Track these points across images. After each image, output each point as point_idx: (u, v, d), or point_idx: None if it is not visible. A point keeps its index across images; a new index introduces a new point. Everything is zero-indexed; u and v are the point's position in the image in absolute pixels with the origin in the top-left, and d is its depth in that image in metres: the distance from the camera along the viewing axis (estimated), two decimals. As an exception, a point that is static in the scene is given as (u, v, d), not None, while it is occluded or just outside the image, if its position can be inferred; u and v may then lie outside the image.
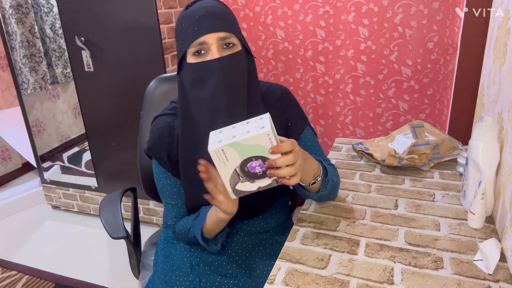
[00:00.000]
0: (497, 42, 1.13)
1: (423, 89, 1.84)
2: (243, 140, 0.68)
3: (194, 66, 0.86)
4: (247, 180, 0.73)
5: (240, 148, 0.69)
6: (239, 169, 0.72)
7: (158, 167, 0.98)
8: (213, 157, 0.70)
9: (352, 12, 1.81)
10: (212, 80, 0.85)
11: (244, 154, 0.70)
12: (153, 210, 2.18)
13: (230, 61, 0.85)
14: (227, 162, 0.71)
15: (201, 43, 0.84)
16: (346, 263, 0.79)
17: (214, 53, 0.84)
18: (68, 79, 2.37)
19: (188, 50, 0.86)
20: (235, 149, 0.69)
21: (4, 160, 2.92)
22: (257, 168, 0.72)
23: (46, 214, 2.51)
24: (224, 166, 0.71)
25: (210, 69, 0.85)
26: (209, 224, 0.89)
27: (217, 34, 0.83)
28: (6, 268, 1.99)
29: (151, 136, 0.98)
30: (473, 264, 0.77)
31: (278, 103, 0.99)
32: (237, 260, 0.97)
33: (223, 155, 0.70)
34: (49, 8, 2.22)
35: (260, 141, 0.69)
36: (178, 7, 1.89)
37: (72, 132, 2.51)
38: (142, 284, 1.15)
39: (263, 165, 0.71)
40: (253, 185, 0.74)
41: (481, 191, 0.85)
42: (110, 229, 1.09)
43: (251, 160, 0.71)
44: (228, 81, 0.86)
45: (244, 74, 0.89)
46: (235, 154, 0.70)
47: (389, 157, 1.17)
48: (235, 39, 0.87)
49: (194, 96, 0.89)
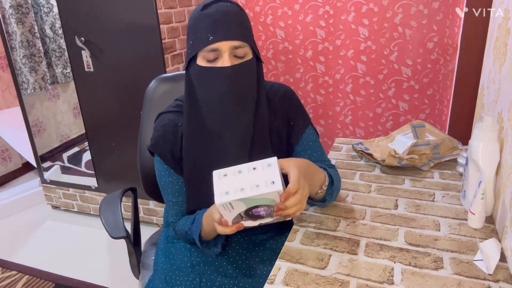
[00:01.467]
0: (497, 42, 1.13)
1: (423, 89, 1.84)
2: (253, 196, 0.69)
3: (204, 70, 0.86)
4: (249, 219, 0.75)
5: (248, 201, 0.70)
6: (243, 213, 0.73)
7: (160, 164, 0.98)
8: (220, 208, 0.71)
9: (352, 12, 1.81)
10: (221, 87, 0.86)
11: (251, 204, 0.71)
12: (153, 210, 2.18)
13: (240, 69, 0.86)
14: (232, 209, 0.71)
15: (214, 49, 0.84)
16: (346, 263, 0.79)
17: (225, 60, 0.84)
18: (68, 79, 2.36)
19: (199, 53, 0.86)
20: (243, 201, 0.70)
21: (4, 160, 2.92)
22: (262, 212, 0.73)
23: (46, 214, 2.51)
24: (229, 212, 0.72)
25: (220, 75, 0.85)
26: (207, 229, 0.90)
27: (231, 43, 0.83)
28: (6, 268, 1.99)
29: (154, 133, 0.98)
30: (473, 264, 0.77)
31: (281, 102, 1.00)
32: (237, 260, 0.97)
33: (229, 206, 0.70)
34: (49, 8, 2.22)
35: (269, 196, 0.70)
36: (178, 7, 1.89)
37: (72, 132, 2.51)
38: (142, 284, 1.15)
39: (268, 209, 0.73)
40: (255, 222, 0.76)
41: (481, 191, 0.85)
42: (110, 229, 1.09)
43: (257, 207, 0.72)
44: (237, 89, 0.87)
45: (253, 81, 0.90)
46: (242, 204, 0.70)
47: (389, 157, 1.17)
48: (248, 48, 0.87)
49: (201, 97, 0.90)
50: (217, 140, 0.91)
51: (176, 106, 0.99)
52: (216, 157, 0.91)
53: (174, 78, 1.28)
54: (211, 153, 0.92)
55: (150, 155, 1.02)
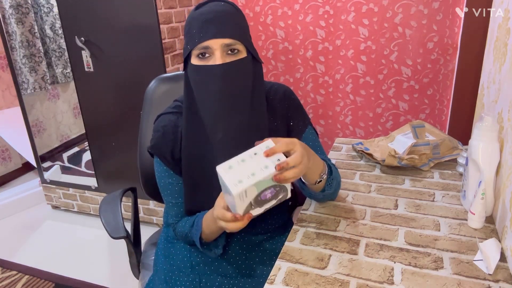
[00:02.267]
0: (497, 42, 1.13)
1: (423, 89, 1.84)
2: (264, 177, 0.71)
3: (197, 68, 0.87)
4: (257, 207, 0.76)
5: (260, 184, 0.71)
6: (253, 201, 0.74)
7: (160, 165, 0.98)
8: (236, 199, 0.72)
9: (352, 12, 1.81)
10: (213, 85, 0.86)
11: (262, 187, 0.72)
12: (153, 210, 2.18)
13: (232, 67, 0.86)
14: (246, 198, 0.73)
15: (205, 47, 0.84)
16: (346, 263, 0.79)
17: (217, 58, 0.84)
18: (68, 79, 2.36)
19: (192, 52, 0.87)
20: (256, 186, 0.71)
21: (4, 160, 2.92)
22: (268, 195, 0.74)
23: (46, 214, 2.51)
24: (243, 202, 0.73)
25: (212, 74, 0.85)
26: (207, 231, 0.90)
27: (222, 41, 0.83)
28: (6, 268, 1.99)
29: (154, 134, 0.98)
30: (473, 264, 0.77)
31: (281, 103, 0.99)
32: (237, 260, 0.97)
33: (244, 194, 0.72)
34: (49, 8, 2.22)
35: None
36: (178, 7, 1.89)
37: (72, 132, 2.51)
38: (142, 284, 1.15)
39: (274, 191, 0.74)
40: (261, 209, 0.77)
41: (481, 191, 0.85)
42: (110, 229, 1.09)
43: (266, 191, 0.73)
44: (229, 87, 0.86)
45: (247, 80, 0.89)
46: (254, 190, 0.72)
47: (389, 157, 1.17)
48: (241, 46, 0.86)
49: (197, 96, 0.90)
50: (212, 140, 0.91)
51: (175, 107, 0.99)
52: (212, 158, 0.91)
53: (174, 78, 1.28)
54: (207, 154, 0.92)
55: (150, 156, 1.02)
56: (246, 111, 0.90)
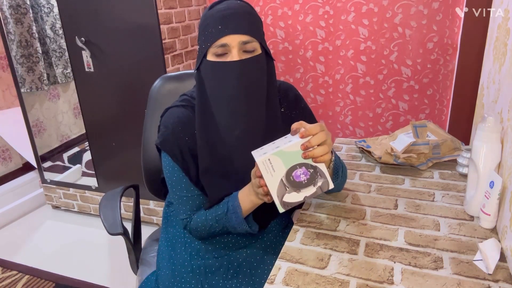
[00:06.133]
0: (497, 42, 1.13)
1: (423, 89, 1.84)
2: (287, 148, 0.74)
3: (214, 64, 0.87)
4: (293, 191, 0.77)
5: (285, 156, 0.74)
6: (285, 179, 0.76)
7: (170, 161, 0.95)
8: (261, 167, 0.75)
9: (352, 12, 1.81)
10: (230, 81, 0.86)
11: (289, 162, 0.75)
12: (153, 210, 2.19)
13: (249, 64, 0.86)
14: (274, 172, 0.75)
15: (223, 45, 0.84)
16: (346, 263, 0.80)
17: (234, 55, 0.85)
18: (68, 79, 2.36)
19: (209, 50, 0.86)
20: (280, 157, 0.74)
21: (4, 160, 2.92)
22: (302, 176, 0.76)
23: (46, 214, 2.51)
24: (271, 176, 0.75)
25: (229, 70, 0.85)
26: (244, 210, 0.90)
27: (240, 37, 0.84)
28: (6, 268, 1.99)
29: (163, 130, 0.95)
30: (473, 264, 0.77)
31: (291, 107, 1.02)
32: (237, 259, 0.98)
33: (269, 165, 0.74)
34: (49, 9, 2.22)
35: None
36: (178, 7, 1.89)
37: (72, 132, 2.51)
38: (140, 280, 1.15)
39: (307, 172, 0.76)
40: (299, 195, 0.78)
41: (498, 191, 0.83)
42: (108, 225, 1.09)
43: (296, 169, 0.76)
44: (246, 84, 0.87)
45: (262, 77, 0.90)
46: (280, 163, 0.74)
47: (385, 155, 1.18)
48: (257, 43, 0.87)
49: (213, 93, 0.90)
50: (229, 136, 0.91)
51: (183, 100, 0.98)
52: (229, 155, 0.92)
53: (178, 77, 1.28)
54: (223, 151, 0.92)
55: (154, 153, 1.01)
56: (262, 107, 0.91)
